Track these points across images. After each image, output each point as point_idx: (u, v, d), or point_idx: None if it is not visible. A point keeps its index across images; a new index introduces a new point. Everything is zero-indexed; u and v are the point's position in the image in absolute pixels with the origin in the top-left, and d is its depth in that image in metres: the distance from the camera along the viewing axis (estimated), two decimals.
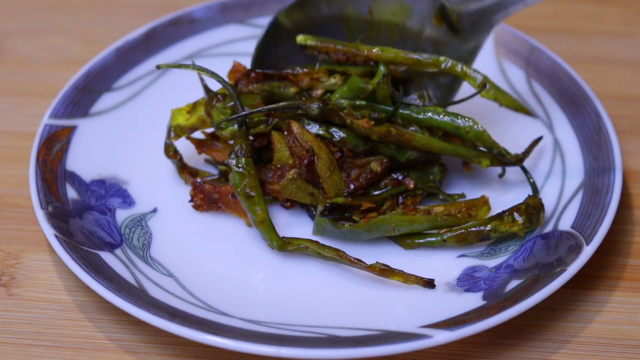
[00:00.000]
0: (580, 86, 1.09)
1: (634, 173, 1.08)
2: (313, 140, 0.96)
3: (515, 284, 0.90)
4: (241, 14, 1.22)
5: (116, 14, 1.34)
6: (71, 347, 0.89)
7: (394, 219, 0.94)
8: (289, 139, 0.96)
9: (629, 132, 1.14)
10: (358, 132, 0.97)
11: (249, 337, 0.83)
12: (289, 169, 0.96)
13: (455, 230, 0.95)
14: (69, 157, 1.02)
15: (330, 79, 1.01)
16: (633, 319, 0.92)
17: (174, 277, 0.93)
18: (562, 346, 0.90)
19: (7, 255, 0.98)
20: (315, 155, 0.95)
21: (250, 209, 0.95)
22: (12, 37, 1.29)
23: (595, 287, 0.95)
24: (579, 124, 1.06)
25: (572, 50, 1.27)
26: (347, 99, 0.97)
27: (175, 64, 0.98)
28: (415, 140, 0.97)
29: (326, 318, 0.89)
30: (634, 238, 1.00)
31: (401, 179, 0.99)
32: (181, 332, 0.83)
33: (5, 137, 1.12)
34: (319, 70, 1.01)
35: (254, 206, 0.94)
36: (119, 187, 1.02)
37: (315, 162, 0.95)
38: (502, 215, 0.96)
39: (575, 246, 0.91)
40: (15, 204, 1.03)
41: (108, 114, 1.09)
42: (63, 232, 0.92)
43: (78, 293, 0.94)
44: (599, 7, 1.36)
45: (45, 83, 1.21)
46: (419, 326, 0.85)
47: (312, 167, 0.95)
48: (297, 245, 0.93)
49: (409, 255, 0.96)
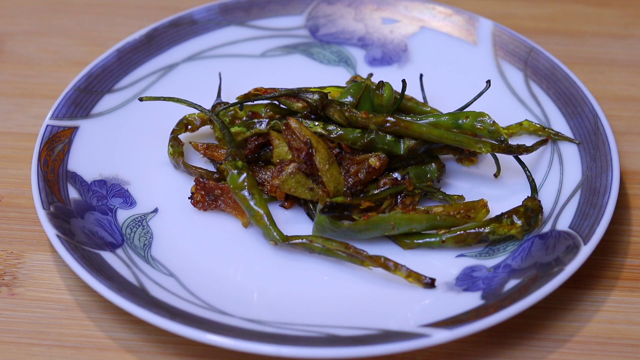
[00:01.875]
0: (578, 87, 1.09)
1: (631, 173, 1.08)
2: (311, 135, 0.97)
3: (514, 283, 0.90)
4: (241, 15, 1.22)
5: (117, 15, 1.34)
6: (73, 346, 0.90)
7: (393, 218, 0.95)
8: (287, 134, 0.97)
9: (626, 133, 1.14)
10: (356, 123, 0.98)
11: (249, 336, 0.84)
12: (288, 163, 0.97)
13: (454, 232, 0.96)
14: (70, 158, 1.03)
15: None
16: (630, 318, 0.93)
17: (175, 277, 0.93)
18: (560, 345, 0.90)
19: (9, 255, 0.98)
20: (313, 148, 0.96)
21: (249, 207, 0.95)
22: (14, 39, 1.29)
23: (592, 287, 0.95)
24: (577, 124, 1.07)
25: (570, 52, 1.28)
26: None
27: (158, 97, 1.01)
28: (413, 129, 0.97)
29: (326, 317, 0.89)
30: (631, 238, 1.01)
31: (400, 178, 1.00)
32: (182, 331, 0.84)
33: (7, 137, 1.13)
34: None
35: (253, 204, 0.95)
36: (120, 187, 1.02)
37: (313, 155, 0.96)
38: (501, 217, 0.96)
39: (573, 246, 0.92)
40: (17, 204, 1.04)
41: (109, 115, 1.10)
42: (65, 232, 0.92)
43: (79, 292, 0.94)
44: (597, 9, 1.36)
45: (46, 84, 1.21)
46: (418, 325, 0.86)
47: (310, 159, 0.96)
48: (300, 239, 0.94)
49: (407, 255, 0.96)
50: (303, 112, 1.02)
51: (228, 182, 0.97)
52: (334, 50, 1.21)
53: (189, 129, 1.07)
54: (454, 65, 1.18)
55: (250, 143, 1.02)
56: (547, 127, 1.07)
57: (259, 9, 1.23)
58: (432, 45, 1.20)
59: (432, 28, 1.22)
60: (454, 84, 1.16)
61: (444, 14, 1.22)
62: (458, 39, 1.20)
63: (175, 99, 1.02)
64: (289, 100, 1.03)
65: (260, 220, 0.95)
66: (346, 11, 1.24)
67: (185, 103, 1.01)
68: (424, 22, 1.22)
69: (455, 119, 1.00)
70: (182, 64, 1.18)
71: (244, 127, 1.02)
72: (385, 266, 0.91)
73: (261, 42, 1.21)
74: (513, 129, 1.07)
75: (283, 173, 0.97)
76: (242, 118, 1.05)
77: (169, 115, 1.09)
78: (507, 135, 1.03)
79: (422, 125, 0.98)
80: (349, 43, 1.22)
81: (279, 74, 1.18)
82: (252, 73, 1.18)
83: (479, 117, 0.99)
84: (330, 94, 1.04)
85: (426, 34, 1.21)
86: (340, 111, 0.99)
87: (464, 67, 1.17)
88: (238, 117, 1.05)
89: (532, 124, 1.07)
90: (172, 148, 1.05)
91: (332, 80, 1.12)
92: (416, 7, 1.23)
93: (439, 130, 0.98)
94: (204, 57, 1.19)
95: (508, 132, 1.06)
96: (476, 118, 0.99)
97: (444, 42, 1.20)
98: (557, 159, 1.05)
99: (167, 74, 1.16)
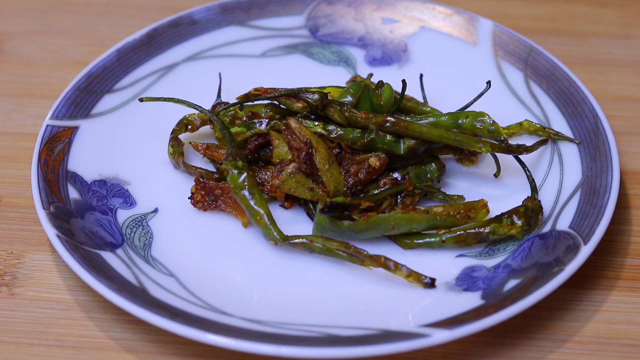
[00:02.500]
0: (578, 87, 1.09)
1: (631, 173, 1.09)
2: (311, 135, 0.97)
3: (514, 283, 0.90)
4: (241, 15, 1.22)
5: (117, 15, 1.35)
6: (73, 346, 0.90)
7: (393, 218, 0.95)
8: (287, 134, 0.97)
9: (626, 133, 1.14)
10: (356, 123, 0.98)
11: (250, 336, 0.84)
12: (288, 163, 0.97)
13: (454, 232, 0.96)
14: (70, 158, 1.03)
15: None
16: (630, 318, 0.93)
17: (175, 277, 0.93)
18: (560, 345, 0.90)
19: (9, 255, 0.98)
20: (313, 148, 0.96)
21: (250, 206, 0.95)
22: (15, 39, 1.29)
23: (592, 287, 0.96)
24: (577, 124, 1.07)
25: (570, 52, 1.28)
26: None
27: (158, 97, 1.01)
28: (413, 128, 0.98)
29: (326, 317, 0.89)
30: (631, 238, 1.01)
31: (400, 178, 1.00)
32: (182, 331, 0.84)
33: (7, 137, 1.13)
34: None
35: (253, 203, 0.95)
36: (120, 187, 1.02)
37: (313, 155, 0.96)
38: (501, 217, 0.96)
39: (573, 246, 0.92)
40: (17, 204, 1.04)
41: (109, 115, 1.10)
42: (65, 232, 0.92)
43: (79, 292, 0.94)
44: (597, 9, 1.36)
45: (47, 84, 1.21)
46: (418, 325, 0.86)
47: (310, 159, 0.96)
48: (301, 239, 0.94)
49: (407, 255, 0.96)
50: (303, 112, 1.02)
51: (228, 182, 0.97)
52: (334, 50, 1.21)
53: (189, 129, 1.07)
54: (454, 65, 1.18)
55: (250, 143, 1.02)
56: (547, 127, 1.07)
57: (259, 9, 1.23)
58: (432, 45, 1.20)
59: (432, 28, 1.22)
60: (454, 84, 1.16)
61: (444, 14, 1.22)
62: (458, 39, 1.20)
63: (175, 100, 1.02)
64: (289, 100, 1.03)
65: (260, 220, 0.95)
66: (346, 11, 1.24)
67: (185, 104, 1.01)
68: (424, 22, 1.22)
69: (455, 119, 1.00)
70: (182, 64, 1.18)
71: (244, 127, 1.02)
72: (386, 266, 0.91)
73: (261, 42, 1.21)
74: (513, 129, 1.07)
75: (283, 173, 0.97)
76: (242, 118, 1.05)
77: (169, 115, 1.09)
78: (507, 135, 1.03)
79: (422, 125, 0.98)
80: (349, 43, 1.22)
81: (279, 74, 1.18)
82: (252, 73, 1.18)
83: (478, 117, 0.99)
84: (330, 94, 1.04)
85: (426, 34, 1.21)
86: (340, 111, 0.99)
87: (464, 67, 1.17)
88: (238, 117, 1.05)
89: (532, 124, 1.07)
90: (172, 148, 1.05)
91: (332, 80, 1.12)
92: (416, 7, 1.23)
93: (438, 130, 0.98)
94: (204, 57, 1.19)
95: (508, 132, 1.07)
96: (476, 118, 0.99)
97: (444, 42, 1.20)
98: (557, 159, 1.05)
99: (167, 74, 1.16)
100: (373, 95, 1.03)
